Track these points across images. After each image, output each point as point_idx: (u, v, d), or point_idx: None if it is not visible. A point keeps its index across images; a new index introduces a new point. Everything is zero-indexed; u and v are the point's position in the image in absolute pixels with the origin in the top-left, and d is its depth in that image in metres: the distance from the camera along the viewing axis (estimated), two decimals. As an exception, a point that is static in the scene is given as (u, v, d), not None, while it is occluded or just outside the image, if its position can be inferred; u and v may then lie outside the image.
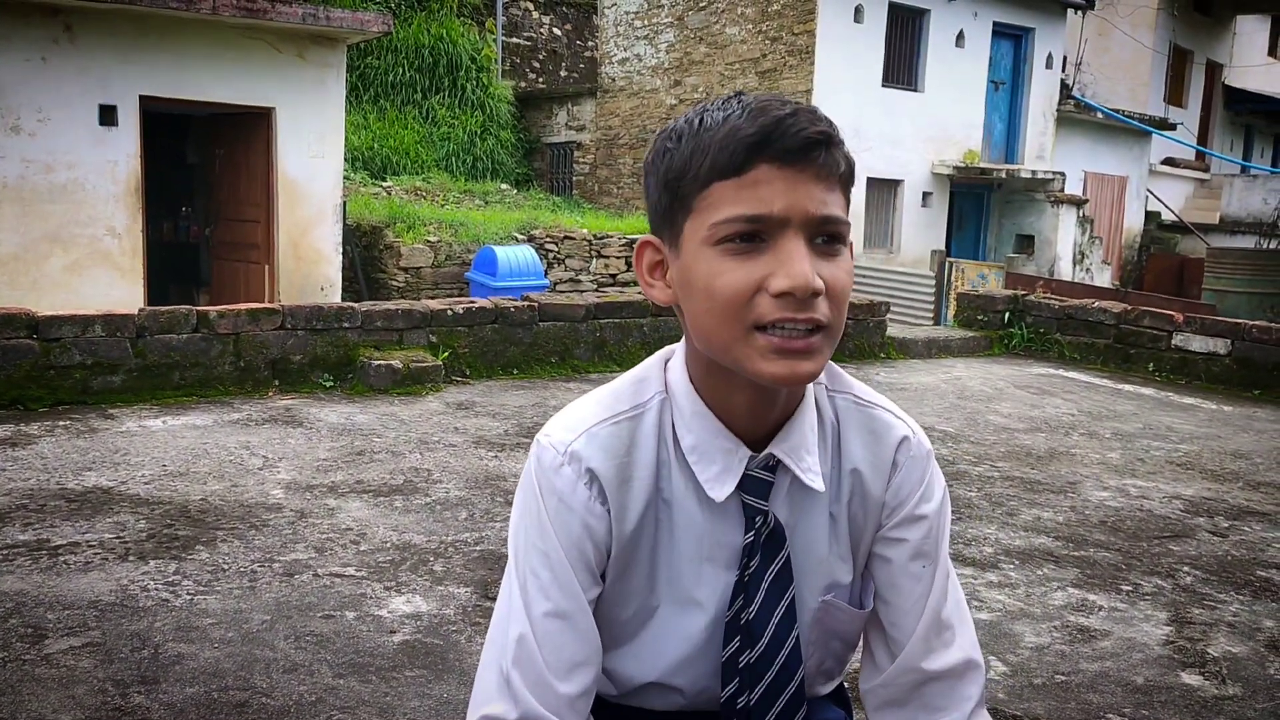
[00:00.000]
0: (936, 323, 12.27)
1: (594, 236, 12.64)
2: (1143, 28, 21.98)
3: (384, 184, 14.73)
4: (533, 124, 18.86)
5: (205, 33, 9.34)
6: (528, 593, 1.18)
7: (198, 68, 9.37)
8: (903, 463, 1.25)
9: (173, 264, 11.87)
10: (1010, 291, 9.73)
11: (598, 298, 7.56)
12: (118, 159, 9.17)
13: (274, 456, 4.78)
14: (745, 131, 1.07)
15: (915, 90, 15.66)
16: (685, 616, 1.24)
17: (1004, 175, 16.30)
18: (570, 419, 1.23)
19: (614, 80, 17.62)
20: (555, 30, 20.34)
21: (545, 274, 11.25)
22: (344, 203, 10.79)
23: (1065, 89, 17.97)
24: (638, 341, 7.37)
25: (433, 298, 9.85)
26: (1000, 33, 16.50)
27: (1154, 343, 8.20)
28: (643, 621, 1.25)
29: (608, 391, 1.26)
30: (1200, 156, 23.52)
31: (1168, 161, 21.80)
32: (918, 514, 1.25)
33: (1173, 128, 20.09)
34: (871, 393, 1.30)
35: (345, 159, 11.62)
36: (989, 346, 9.01)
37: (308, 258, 10.29)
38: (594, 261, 12.56)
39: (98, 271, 9.19)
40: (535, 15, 20.08)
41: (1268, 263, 14.35)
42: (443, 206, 14.07)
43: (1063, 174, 16.74)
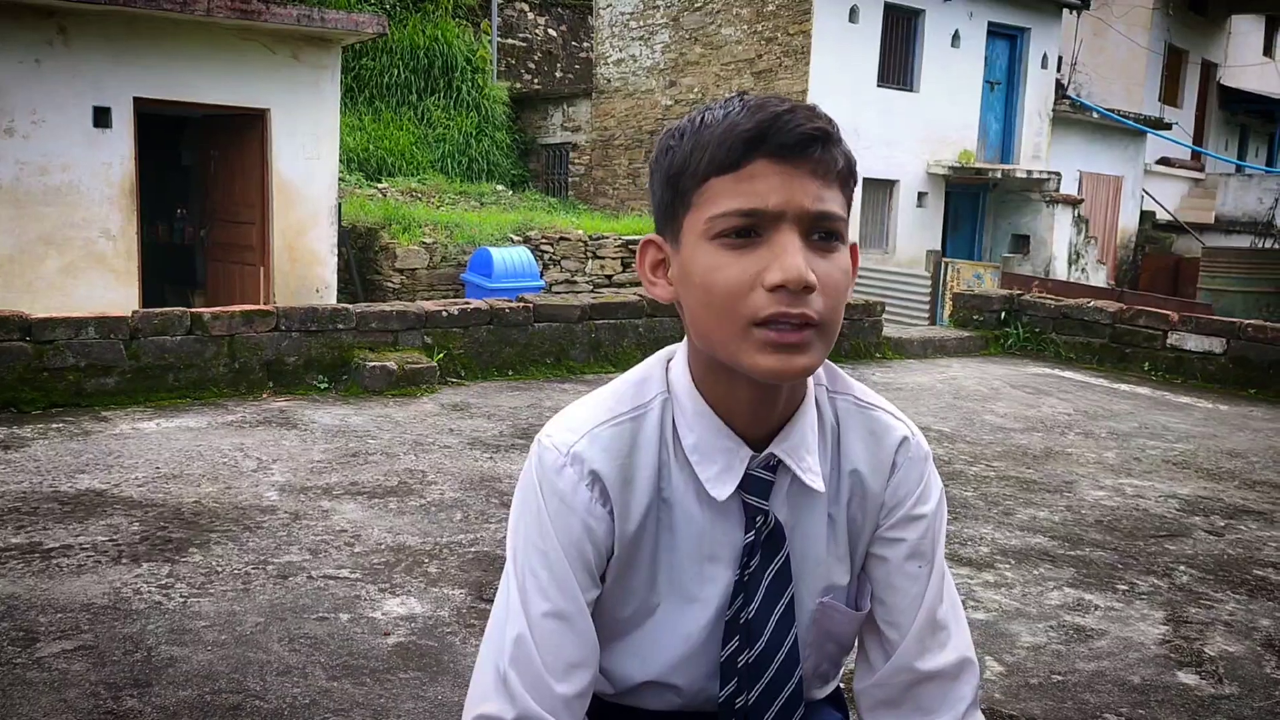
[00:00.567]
0: (932, 323, 12.26)
1: (590, 238, 12.63)
2: (1138, 27, 22.01)
3: (379, 185, 14.71)
4: (528, 125, 18.85)
5: (199, 34, 9.32)
6: (526, 593, 1.18)
7: (192, 69, 9.35)
8: (901, 464, 1.26)
9: (168, 266, 11.85)
10: (1006, 291, 9.73)
11: (593, 299, 7.55)
12: (112, 161, 9.15)
13: (268, 458, 4.77)
14: (743, 127, 1.08)
15: (910, 90, 15.66)
16: (685, 615, 1.24)
17: (999, 175, 16.30)
18: (572, 420, 1.23)
19: (609, 81, 17.61)
20: (550, 31, 20.33)
21: (541, 275, 11.24)
22: (339, 204, 10.77)
23: (1060, 89, 17.98)
24: (633, 342, 7.36)
25: (428, 299, 9.85)
26: (995, 33, 16.51)
27: (1149, 342, 8.20)
28: (642, 620, 1.25)
29: (609, 392, 1.26)
30: (1195, 156, 23.55)
31: (1163, 161, 21.83)
32: (915, 514, 1.25)
33: (1168, 127, 20.12)
34: (871, 394, 1.30)
35: (340, 160, 11.60)
36: (985, 346, 9.01)
37: (303, 259, 10.27)
38: (590, 262, 12.55)
39: (92, 274, 9.17)
40: (530, 16, 20.06)
41: (1263, 262, 14.36)
42: (438, 208, 14.05)
43: (1058, 174, 16.74)
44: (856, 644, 1.33)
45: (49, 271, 8.97)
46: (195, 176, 11.85)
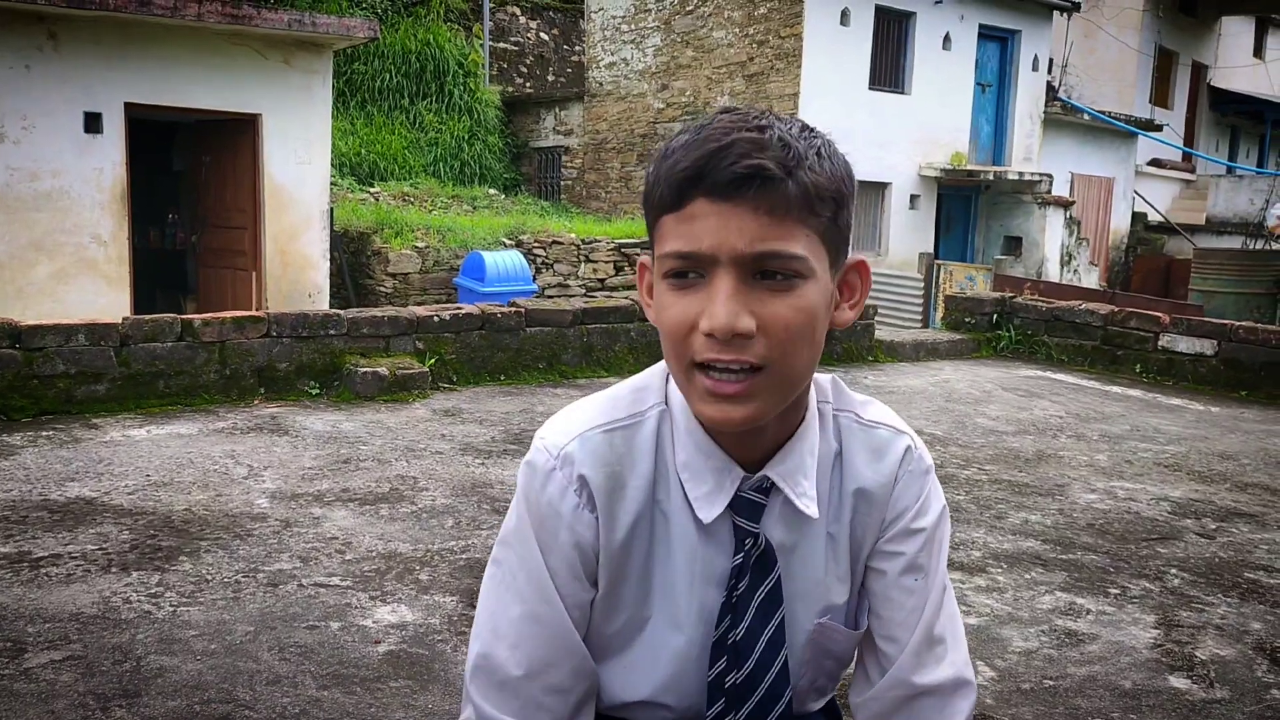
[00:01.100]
0: (924, 325, 12.28)
1: (582, 241, 12.62)
2: (1128, 29, 22.08)
3: (371, 190, 14.70)
4: (520, 129, 18.85)
5: (191, 40, 9.31)
6: (505, 594, 1.21)
7: (183, 75, 9.33)
8: (903, 476, 1.26)
9: (159, 271, 11.82)
10: (998, 293, 9.75)
11: (585, 303, 7.54)
12: (103, 166, 9.13)
13: (259, 465, 4.75)
14: (681, 165, 1.05)
15: (902, 93, 15.69)
16: (675, 632, 1.23)
17: (991, 177, 16.34)
18: (567, 421, 1.23)
19: (601, 85, 17.62)
20: (542, 35, 20.33)
21: (533, 279, 11.23)
22: (331, 209, 10.76)
23: (1051, 91, 18.02)
24: (625, 346, 7.36)
25: (421, 304, 9.83)
26: (986, 35, 16.55)
27: (1141, 344, 8.22)
28: (632, 635, 1.24)
29: (607, 396, 1.26)
30: (1186, 157, 23.62)
31: (1154, 163, 21.89)
32: (914, 528, 1.25)
33: (1159, 129, 20.17)
34: (875, 408, 1.29)
35: (332, 165, 11.60)
36: (977, 349, 9.02)
37: (295, 264, 10.26)
38: (582, 266, 12.54)
39: (84, 280, 9.15)
40: (522, 20, 20.06)
41: (1254, 263, 14.40)
42: (430, 212, 14.04)
43: (1050, 176, 16.78)
44: (856, 676, 1.32)
45: (40, 277, 8.94)
46: (187, 182, 11.83)
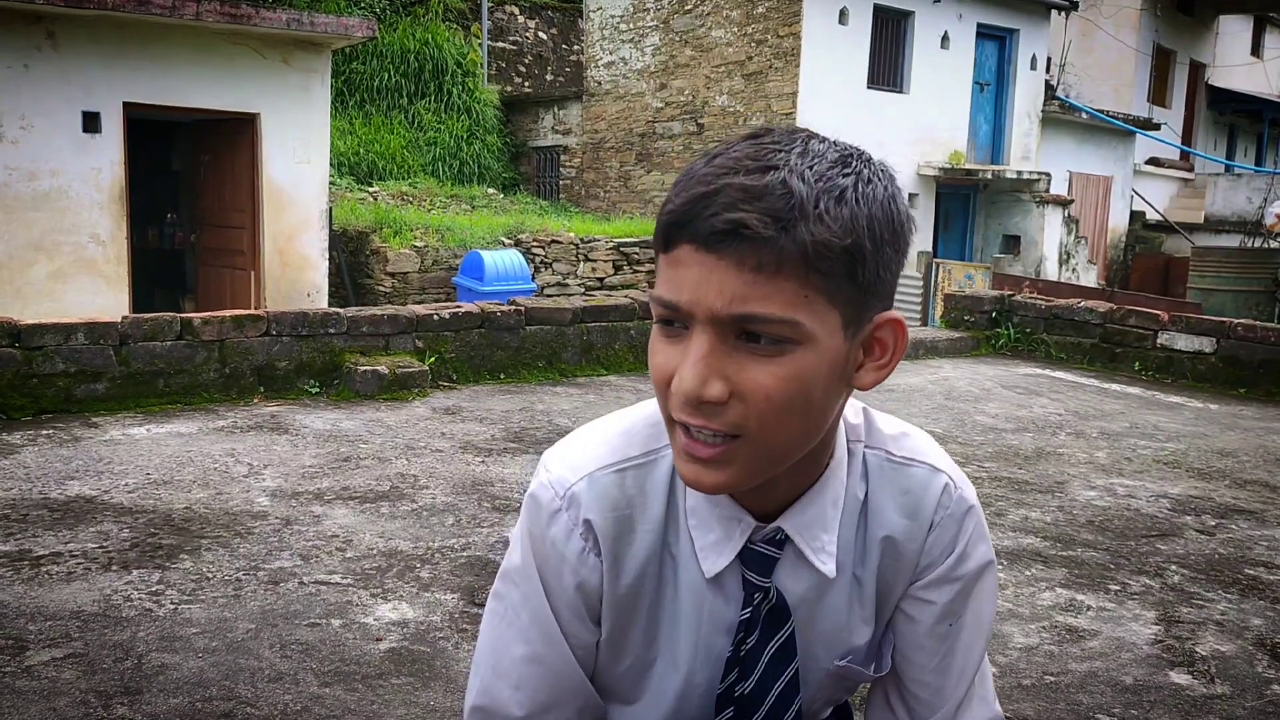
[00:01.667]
0: (923, 323, 12.29)
1: (581, 240, 12.62)
2: (1126, 28, 22.08)
3: (370, 189, 14.70)
4: (519, 128, 18.84)
5: (189, 39, 9.30)
6: (507, 631, 1.16)
7: (182, 74, 9.33)
8: (939, 522, 1.15)
9: (158, 271, 11.82)
10: (997, 292, 9.75)
11: (585, 301, 7.54)
12: (102, 166, 9.13)
13: (259, 464, 4.75)
14: (670, 206, 0.96)
15: (900, 92, 15.70)
16: (682, 677, 1.18)
17: (990, 176, 16.34)
18: (576, 455, 1.14)
19: (600, 84, 17.61)
20: (541, 34, 20.33)
21: (532, 278, 11.23)
22: (330, 208, 10.76)
23: (1050, 90, 18.03)
24: (625, 345, 7.35)
25: (420, 303, 9.82)
26: (984, 34, 16.55)
27: (1140, 342, 8.22)
28: (639, 677, 1.19)
29: (622, 429, 1.16)
30: (1184, 156, 23.63)
31: (1152, 161, 21.90)
32: (952, 576, 1.16)
33: (1157, 128, 20.18)
34: (911, 442, 1.18)
35: (331, 164, 11.60)
36: (976, 347, 9.02)
37: (294, 264, 10.25)
38: (581, 265, 12.54)
39: (82, 279, 9.14)
40: (521, 19, 20.06)
41: (1252, 261, 14.41)
42: (429, 211, 14.04)
43: (1048, 174, 16.79)
44: (874, 695, 1.27)
45: (38, 277, 8.94)
46: (185, 181, 11.83)
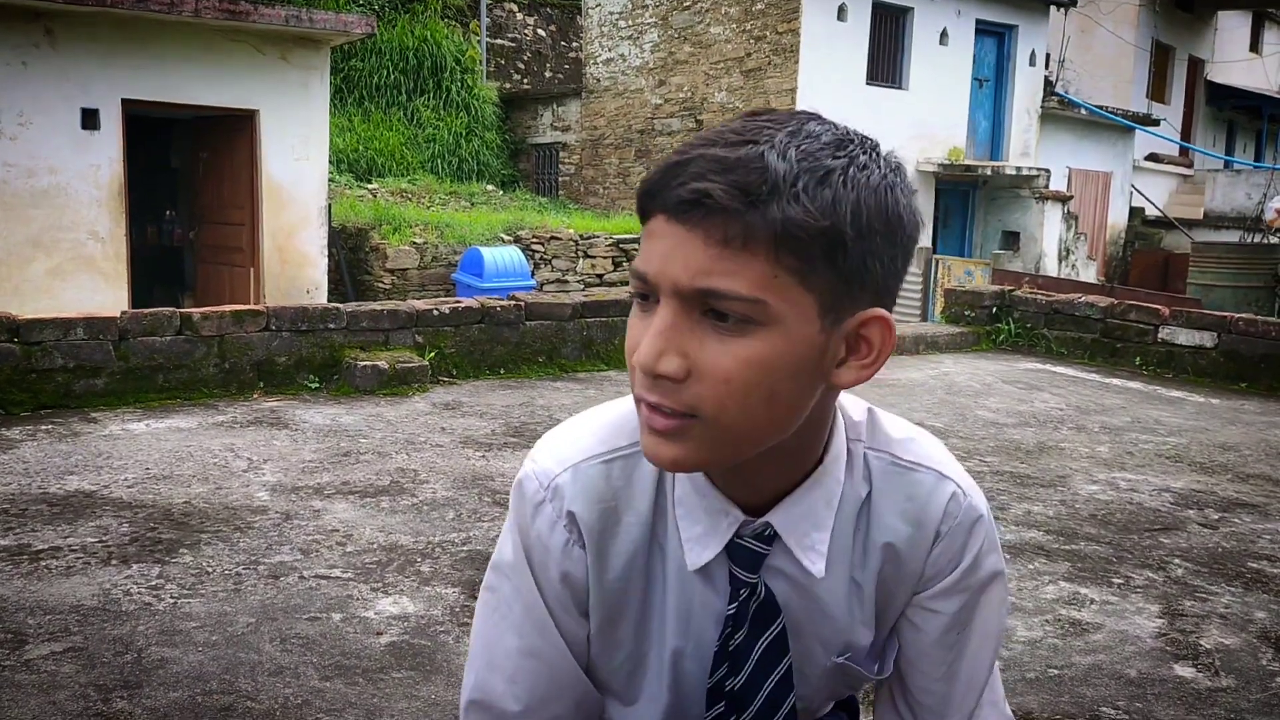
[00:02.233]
0: (924, 319, 12.28)
1: (580, 237, 12.61)
2: (1125, 24, 22.06)
3: (369, 186, 14.67)
4: (518, 125, 18.82)
5: (188, 35, 9.29)
6: (500, 623, 1.15)
7: (180, 71, 9.31)
8: (946, 532, 1.10)
9: (157, 268, 11.80)
10: (997, 287, 9.74)
11: (585, 297, 7.53)
12: (100, 163, 9.11)
13: (259, 458, 4.74)
14: (646, 176, 0.94)
15: (899, 88, 15.67)
16: (675, 671, 1.16)
17: (989, 172, 16.32)
18: (562, 446, 1.12)
19: (599, 81, 17.59)
20: (540, 31, 20.31)
21: (532, 275, 11.22)
22: (329, 205, 10.75)
23: (1049, 86, 18.01)
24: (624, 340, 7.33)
25: (419, 299, 9.81)
26: (983, 30, 16.53)
27: (1140, 337, 8.21)
28: (633, 670, 1.17)
29: (609, 419, 1.13)
30: (1184, 152, 23.61)
31: (1151, 157, 21.88)
32: (960, 586, 1.12)
33: (1156, 124, 20.16)
34: (918, 446, 1.13)
35: (330, 161, 11.58)
36: (977, 342, 9.01)
37: (293, 261, 10.24)
38: (580, 261, 12.53)
39: (81, 276, 9.13)
40: (519, 16, 20.03)
41: (1252, 257, 14.39)
42: (428, 208, 14.03)
43: (1047, 170, 16.77)
44: (882, 696, 1.25)
45: (37, 274, 8.92)
46: (184, 178, 11.81)
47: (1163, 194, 21.91)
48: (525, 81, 19.89)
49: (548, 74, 20.28)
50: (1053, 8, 17.71)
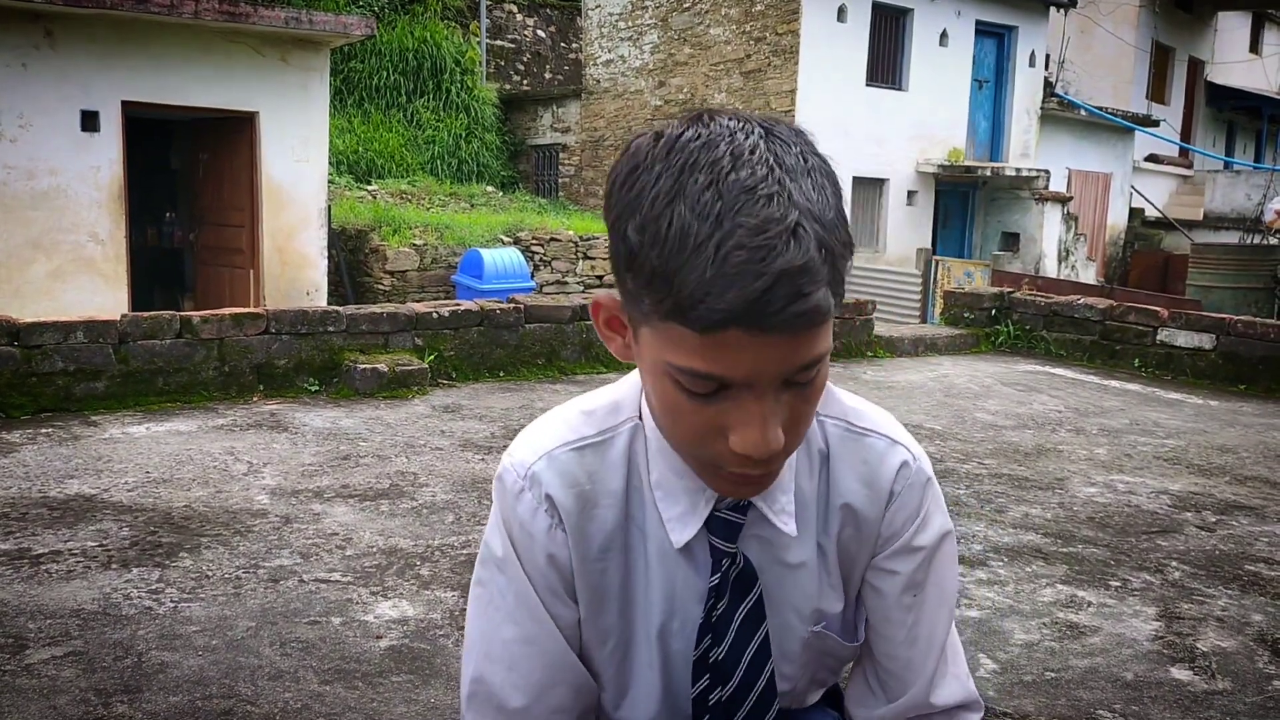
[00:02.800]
0: (923, 321, 12.29)
1: (580, 238, 12.62)
2: (1125, 25, 22.07)
3: (369, 188, 14.68)
4: (518, 126, 18.84)
5: (187, 37, 9.29)
6: (495, 615, 1.17)
7: (180, 72, 9.32)
8: (900, 491, 1.17)
9: (157, 270, 11.81)
10: (996, 289, 9.75)
11: (584, 299, 7.54)
12: (100, 165, 9.12)
13: (259, 462, 4.75)
14: (715, 301, 0.87)
15: (899, 89, 15.69)
16: (661, 651, 1.20)
17: (989, 173, 16.34)
18: (537, 437, 1.17)
19: (598, 82, 17.61)
20: (539, 32, 20.32)
21: (531, 276, 11.23)
22: (329, 207, 10.75)
23: (1048, 87, 18.03)
24: (624, 343, 7.34)
25: (419, 301, 9.82)
26: (983, 31, 16.55)
27: (1139, 338, 8.22)
28: (622, 656, 1.21)
29: (581, 411, 1.19)
30: (1183, 153, 23.62)
31: (1151, 158, 21.89)
32: (913, 546, 1.18)
33: (1156, 124, 20.17)
34: (869, 414, 1.20)
35: (330, 163, 11.59)
36: (976, 344, 9.02)
37: (293, 262, 10.25)
38: (580, 263, 12.54)
39: (81, 278, 9.14)
40: (519, 18, 20.05)
41: (1252, 258, 14.39)
42: (428, 210, 14.04)
43: (1047, 171, 16.78)
44: (854, 676, 1.29)
45: (37, 276, 8.93)
46: (184, 180, 11.82)
47: (1162, 195, 21.92)
48: (525, 83, 19.90)
49: (547, 75, 20.29)
50: (1052, 9, 17.73)
